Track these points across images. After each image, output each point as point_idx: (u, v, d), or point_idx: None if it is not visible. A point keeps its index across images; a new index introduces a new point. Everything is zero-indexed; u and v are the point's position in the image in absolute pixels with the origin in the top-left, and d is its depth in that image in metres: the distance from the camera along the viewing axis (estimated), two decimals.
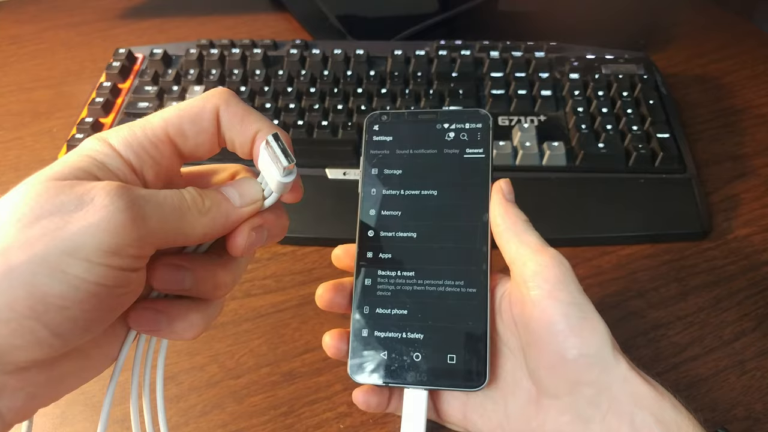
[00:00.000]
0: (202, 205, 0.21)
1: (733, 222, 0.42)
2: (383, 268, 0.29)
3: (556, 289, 0.25)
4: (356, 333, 0.29)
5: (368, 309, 0.29)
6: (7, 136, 0.51)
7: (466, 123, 0.31)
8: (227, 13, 0.65)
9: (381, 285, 0.29)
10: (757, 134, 0.49)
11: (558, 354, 0.24)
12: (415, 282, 0.29)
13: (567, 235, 0.41)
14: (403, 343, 0.28)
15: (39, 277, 0.17)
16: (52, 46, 0.61)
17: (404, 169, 0.31)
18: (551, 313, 0.25)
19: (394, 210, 0.30)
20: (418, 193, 0.30)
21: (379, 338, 0.28)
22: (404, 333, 0.28)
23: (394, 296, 0.29)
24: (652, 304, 0.38)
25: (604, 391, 0.24)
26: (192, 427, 0.33)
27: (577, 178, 0.43)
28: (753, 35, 0.60)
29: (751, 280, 0.39)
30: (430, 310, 0.28)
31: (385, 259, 0.30)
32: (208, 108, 0.22)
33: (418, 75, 0.49)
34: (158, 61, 0.51)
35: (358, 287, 0.29)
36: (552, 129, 0.46)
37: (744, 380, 0.34)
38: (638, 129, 0.44)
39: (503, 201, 0.28)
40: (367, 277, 0.29)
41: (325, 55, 0.51)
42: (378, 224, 0.30)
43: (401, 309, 0.29)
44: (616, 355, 0.25)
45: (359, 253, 0.30)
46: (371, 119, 0.32)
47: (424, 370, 0.28)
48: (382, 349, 0.28)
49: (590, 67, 0.50)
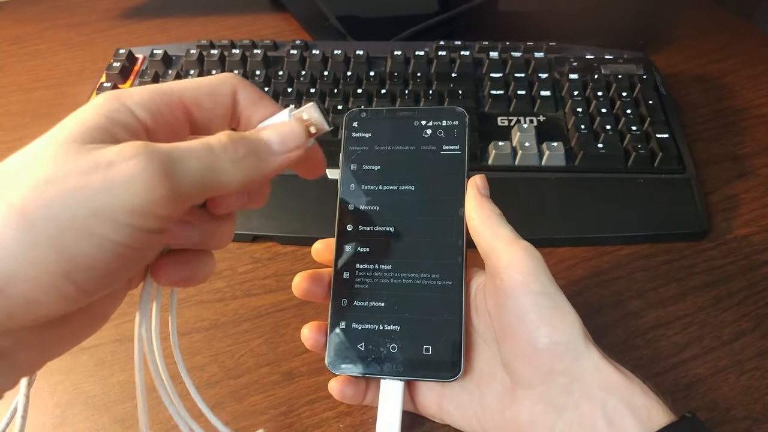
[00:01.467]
0: (234, 153, 0.20)
1: (732, 222, 0.42)
2: (361, 262, 0.30)
3: (528, 280, 0.25)
4: (334, 325, 0.30)
5: (346, 301, 0.30)
6: (7, 136, 0.51)
7: (443, 120, 0.32)
8: (227, 13, 0.65)
9: (359, 278, 0.30)
10: (757, 134, 0.49)
11: (530, 343, 0.25)
12: (393, 275, 0.30)
13: (566, 235, 0.41)
14: (379, 335, 0.29)
15: (66, 238, 0.17)
16: (52, 46, 0.61)
17: (382, 165, 0.31)
18: (522, 303, 0.25)
19: (372, 205, 0.31)
20: (396, 188, 0.31)
21: (357, 330, 0.29)
22: (381, 325, 0.29)
23: (372, 289, 0.30)
24: (651, 304, 0.38)
25: (577, 379, 0.25)
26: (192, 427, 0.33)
27: (577, 179, 0.43)
28: (753, 35, 0.60)
29: (751, 280, 0.39)
30: (407, 303, 0.29)
31: (362, 253, 0.30)
32: (226, 85, 0.22)
33: (417, 75, 0.49)
34: (158, 62, 0.51)
35: (336, 280, 0.30)
36: (551, 129, 0.46)
37: (743, 380, 0.34)
38: (637, 129, 0.44)
39: (477, 195, 0.29)
40: (345, 270, 0.30)
41: (325, 56, 0.51)
42: (356, 219, 0.31)
43: (378, 301, 0.30)
44: (588, 343, 0.25)
45: (337, 247, 0.31)
46: (350, 116, 0.32)
47: (401, 361, 0.29)
48: (359, 340, 0.29)
49: (590, 67, 0.50)
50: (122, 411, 0.33)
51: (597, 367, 0.25)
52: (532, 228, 0.41)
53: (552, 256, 0.40)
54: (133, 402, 0.34)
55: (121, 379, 0.35)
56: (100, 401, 0.34)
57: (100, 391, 0.34)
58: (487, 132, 0.45)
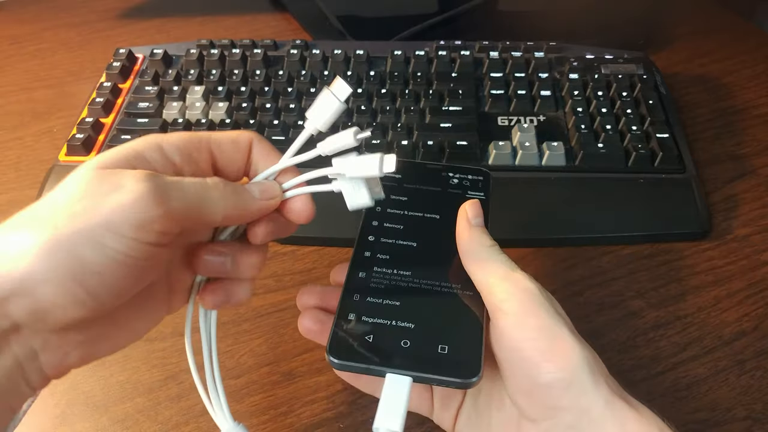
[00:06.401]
0: (223, 191, 0.24)
1: (732, 222, 0.42)
2: (379, 265, 0.29)
3: (524, 316, 0.24)
4: (341, 315, 0.27)
5: (358, 296, 0.28)
6: (7, 136, 0.51)
7: (469, 175, 0.34)
8: (227, 13, 0.65)
9: (375, 278, 0.29)
10: (757, 134, 0.49)
11: (530, 379, 0.24)
12: (411, 280, 0.29)
13: (566, 235, 0.41)
14: (391, 330, 0.27)
15: (80, 247, 0.21)
16: (52, 46, 0.61)
17: (410, 197, 0.32)
18: (518, 340, 0.24)
19: (396, 223, 0.31)
20: (421, 215, 0.32)
21: (366, 322, 0.27)
22: (394, 321, 0.27)
23: (387, 289, 0.28)
24: (651, 304, 0.38)
25: (584, 415, 0.23)
26: (192, 426, 0.33)
27: (577, 178, 0.43)
28: (753, 35, 0.60)
29: (751, 280, 0.39)
30: (424, 304, 0.28)
31: (382, 259, 0.30)
32: (245, 136, 0.27)
33: (417, 75, 0.49)
34: (158, 61, 0.51)
35: (350, 278, 0.29)
36: (551, 129, 0.46)
37: (743, 380, 0.34)
38: (638, 129, 0.44)
39: (467, 228, 0.28)
40: (361, 270, 0.29)
41: (325, 56, 0.51)
42: (379, 231, 0.31)
43: (394, 300, 0.28)
44: (596, 377, 0.24)
45: (355, 253, 0.30)
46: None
47: (412, 357, 0.26)
48: (367, 332, 0.27)
49: (590, 67, 0.50)
50: (122, 411, 0.33)
51: (607, 402, 0.23)
52: (532, 228, 0.41)
53: (552, 256, 0.40)
54: (133, 402, 0.34)
55: (120, 379, 0.35)
56: (100, 401, 0.34)
57: (100, 391, 0.34)
58: (488, 132, 0.45)
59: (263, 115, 0.46)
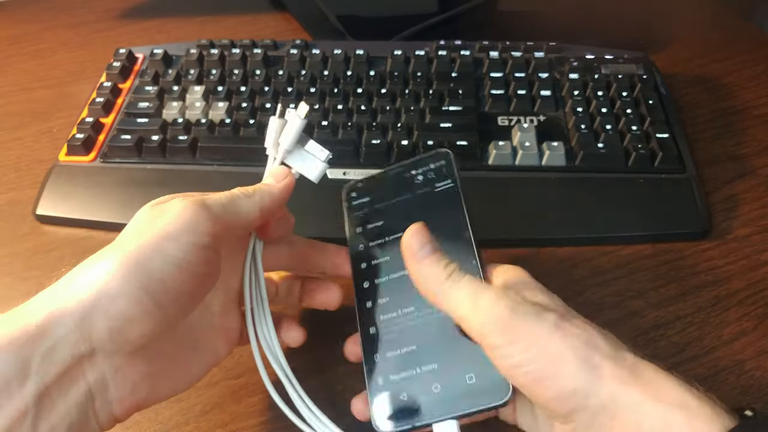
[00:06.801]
0: (247, 191, 0.28)
1: (732, 222, 0.42)
2: (384, 312, 0.30)
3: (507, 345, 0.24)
4: (372, 383, 0.29)
5: (378, 356, 0.29)
6: (7, 136, 0.51)
7: (430, 164, 0.33)
8: (227, 13, 0.65)
9: (385, 329, 0.30)
10: (757, 134, 0.49)
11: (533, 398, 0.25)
12: (417, 316, 0.29)
13: (567, 235, 0.41)
14: (419, 379, 0.28)
15: (146, 259, 0.24)
16: (52, 46, 0.61)
17: (385, 219, 0.33)
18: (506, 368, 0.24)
19: (383, 257, 0.32)
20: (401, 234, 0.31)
21: (395, 381, 0.28)
22: (419, 368, 0.28)
23: (400, 335, 0.29)
24: (651, 304, 0.38)
25: (600, 413, 0.23)
26: (192, 427, 0.33)
27: (577, 178, 0.43)
28: (753, 35, 0.60)
29: (751, 280, 0.39)
30: (437, 338, 0.28)
31: (384, 303, 0.30)
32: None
33: (417, 75, 0.49)
34: (158, 61, 0.51)
35: (364, 337, 0.30)
36: (551, 129, 0.46)
37: (743, 380, 0.34)
38: (638, 129, 0.44)
39: (413, 264, 0.27)
40: (370, 325, 0.30)
41: (325, 55, 0.51)
42: (371, 273, 0.32)
43: (410, 345, 0.29)
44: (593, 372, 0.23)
45: (359, 306, 0.31)
46: (348, 188, 0.35)
47: (447, 399, 0.27)
48: (401, 391, 0.28)
49: (590, 67, 0.50)
50: None
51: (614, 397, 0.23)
52: (533, 228, 0.41)
53: (552, 256, 0.40)
54: None
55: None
56: None
57: None
58: (488, 132, 0.45)
59: (263, 115, 0.46)
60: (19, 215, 0.44)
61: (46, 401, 0.22)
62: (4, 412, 0.21)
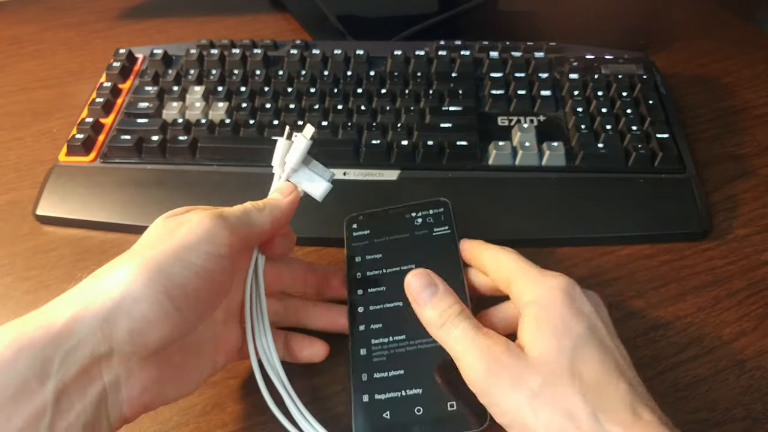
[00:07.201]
0: (258, 205, 0.30)
1: (732, 222, 0.42)
2: (376, 336, 0.32)
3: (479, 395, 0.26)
4: (357, 399, 0.30)
5: (366, 376, 0.31)
6: (7, 136, 0.51)
7: (430, 210, 0.36)
8: (227, 13, 0.65)
9: (375, 352, 0.32)
10: (757, 134, 0.49)
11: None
12: (408, 343, 0.31)
13: (567, 235, 0.41)
14: (403, 401, 0.30)
15: (168, 265, 0.25)
16: (52, 46, 0.61)
17: (384, 253, 0.35)
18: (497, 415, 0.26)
19: (379, 286, 0.34)
20: (398, 268, 0.34)
21: (380, 401, 0.30)
22: (404, 391, 0.30)
23: (389, 359, 0.31)
24: (651, 304, 0.38)
25: None
26: (192, 427, 0.33)
27: (577, 178, 0.43)
28: (753, 35, 0.60)
29: (751, 280, 0.39)
30: (424, 365, 0.30)
31: (376, 329, 0.32)
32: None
33: (417, 75, 0.49)
34: (158, 62, 0.51)
35: (354, 357, 0.32)
36: (551, 129, 0.46)
37: (743, 380, 0.34)
38: (638, 129, 0.44)
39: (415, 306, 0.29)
40: (361, 347, 0.32)
41: (325, 55, 0.51)
42: (366, 300, 0.33)
43: (397, 370, 0.31)
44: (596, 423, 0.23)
45: (351, 329, 0.33)
46: (350, 220, 0.37)
47: (427, 422, 0.29)
48: (384, 410, 0.30)
49: (590, 67, 0.50)
50: None
51: None
52: (532, 228, 0.41)
53: (552, 256, 0.40)
54: None
55: None
56: None
57: None
58: (488, 132, 0.45)
59: (263, 115, 0.46)
60: (19, 215, 0.44)
61: (64, 400, 0.22)
62: (23, 410, 0.21)
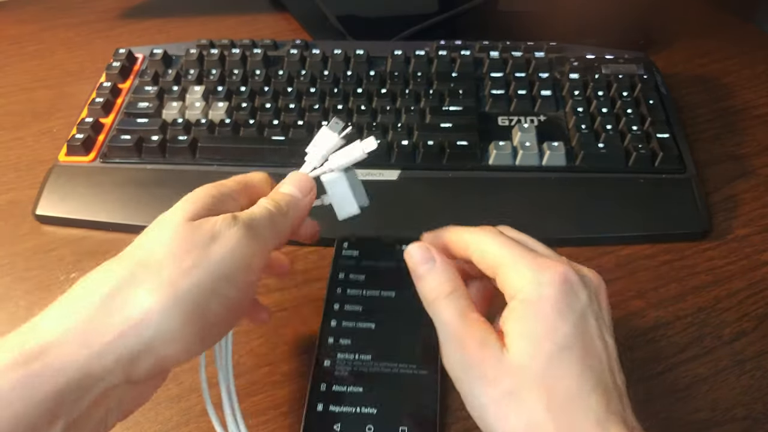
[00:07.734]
0: (283, 209, 0.27)
1: (732, 222, 0.42)
2: (342, 351, 0.33)
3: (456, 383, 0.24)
4: (311, 407, 0.31)
5: (324, 386, 0.32)
6: (7, 136, 0.51)
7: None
8: (227, 13, 0.65)
9: (339, 366, 0.32)
10: (757, 134, 0.49)
11: None
12: (371, 364, 0.32)
13: (567, 235, 0.41)
14: (356, 417, 0.30)
15: (205, 302, 0.23)
16: (52, 46, 0.61)
17: (367, 276, 0.36)
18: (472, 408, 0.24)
19: (356, 306, 0.35)
20: (378, 293, 0.35)
21: (333, 412, 0.31)
22: (359, 408, 0.31)
23: (351, 375, 0.32)
24: (651, 304, 0.38)
25: None
26: (192, 427, 0.33)
27: (577, 178, 0.43)
28: (753, 35, 0.60)
29: (751, 280, 0.39)
30: (384, 388, 0.31)
31: (344, 345, 0.33)
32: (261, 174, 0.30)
33: (418, 75, 0.49)
34: (158, 61, 0.51)
35: (317, 368, 0.32)
36: (552, 129, 0.46)
37: (743, 380, 0.34)
38: (638, 129, 0.44)
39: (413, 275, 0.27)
40: (326, 358, 0.33)
41: (325, 55, 0.51)
42: (341, 315, 0.34)
43: (357, 387, 0.31)
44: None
45: (320, 340, 0.33)
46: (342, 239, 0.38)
47: None
48: (335, 422, 0.30)
49: (590, 67, 0.50)
50: None
51: None
52: (533, 228, 0.41)
53: None
54: None
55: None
56: None
57: None
58: (488, 132, 0.45)
59: (263, 115, 0.46)
60: (19, 215, 0.44)
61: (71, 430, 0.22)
62: None
